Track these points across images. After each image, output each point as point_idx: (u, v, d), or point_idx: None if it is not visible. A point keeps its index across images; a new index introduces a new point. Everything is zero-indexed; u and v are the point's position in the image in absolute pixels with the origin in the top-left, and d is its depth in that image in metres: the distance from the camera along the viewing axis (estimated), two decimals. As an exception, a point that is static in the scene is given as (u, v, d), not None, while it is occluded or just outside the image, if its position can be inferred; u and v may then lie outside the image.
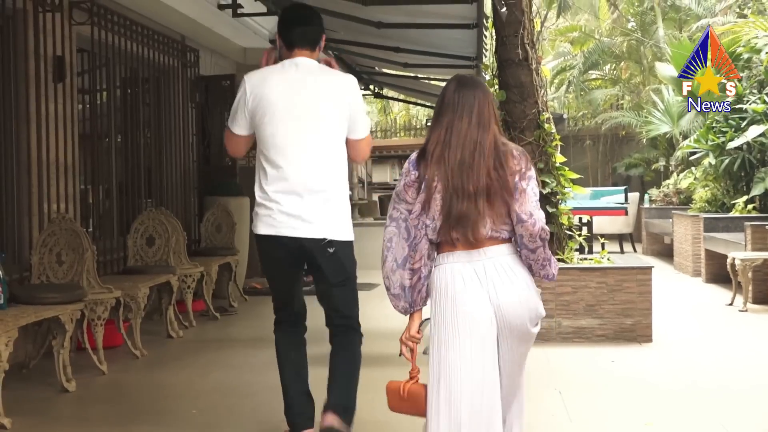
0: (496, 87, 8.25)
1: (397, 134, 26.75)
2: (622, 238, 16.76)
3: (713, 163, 13.25)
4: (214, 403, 6.03)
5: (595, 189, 16.53)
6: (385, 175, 22.35)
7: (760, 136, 12.39)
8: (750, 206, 12.55)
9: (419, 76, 14.60)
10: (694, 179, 15.16)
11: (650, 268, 7.86)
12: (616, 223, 16.39)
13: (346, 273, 4.77)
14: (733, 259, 9.87)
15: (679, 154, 17.00)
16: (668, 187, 16.66)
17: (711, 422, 5.44)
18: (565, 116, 22.14)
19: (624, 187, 17.22)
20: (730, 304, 10.01)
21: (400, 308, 3.79)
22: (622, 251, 15.90)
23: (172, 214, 9.11)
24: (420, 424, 3.73)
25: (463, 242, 3.65)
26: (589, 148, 22.44)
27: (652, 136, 18.77)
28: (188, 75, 10.96)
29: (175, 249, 8.63)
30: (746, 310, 9.65)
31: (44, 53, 7.47)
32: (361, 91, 17.47)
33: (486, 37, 9.57)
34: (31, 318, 5.87)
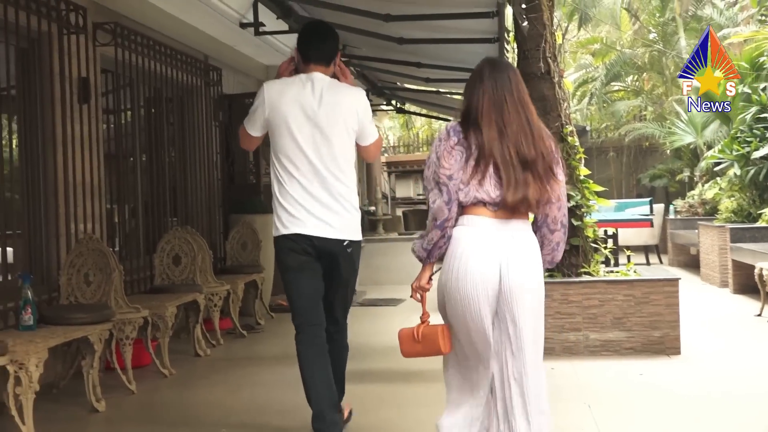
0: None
1: (420, 149, 26.82)
2: (647, 249, 16.68)
3: (738, 173, 13.18)
4: (244, 422, 6.03)
5: (620, 201, 16.48)
6: (409, 190, 22.38)
7: (785, 145, 12.35)
8: (777, 216, 12.48)
9: (441, 90, 14.60)
10: (720, 189, 15.07)
11: (677, 279, 7.81)
12: (642, 235, 16.32)
13: (355, 271, 5.27)
14: (761, 269, 9.80)
15: (703, 164, 16.94)
16: (693, 198, 16.57)
17: (742, 434, 5.42)
18: (588, 128, 22.14)
19: (649, 199, 17.15)
20: (759, 315, 9.92)
21: (422, 258, 4.04)
22: (648, 263, 15.81)
23: (197, 232, 9.14)
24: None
25: (513, 211, 3.84)
26: (613, 160, 22.41)
27: (676, 147, 18.74)
28: (211, 94, 11.02)
29: (201, 267, 8.66)
30: (775, 321, 9.59)
31: (69, 75, 7.53)
32: (384, 107, 17.71)
33: (508, 51, 9.56)
34: (61, 339, 5.90)
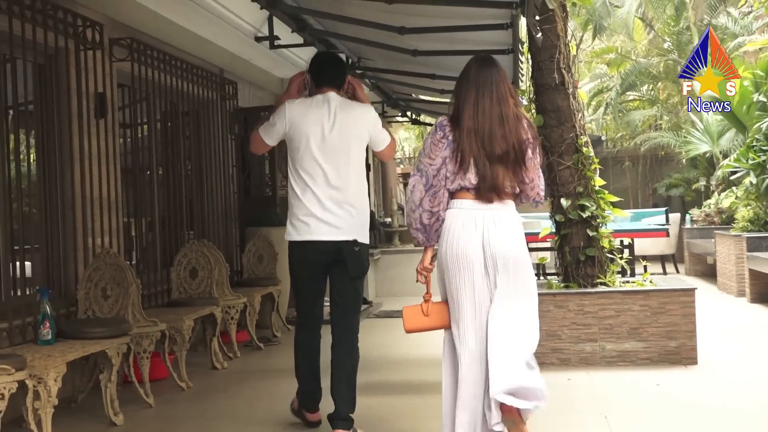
0: (533, 112, 8.26)
1: (435, 160, 26.76)
2: (664, 259, 16.65)
3: (754, 182, 13.13)
4: (261, 434, 6.05)
5: (636, 211, 16.46)
6: (425, 201, 22.31)
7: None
8: (794, 225, 12.45)
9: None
10: (736, 198, 15.02)
11: (693, 289, 7.79)
12: (658, 245, 16.29)
13: (363, 269, 5.84)
14: (778, 278, 9.78)
15: (719, 173, 16.89)
16: (709, 207, 16.53)
17: (760, 445, 5.41)
18: (604, 138, 22.11)
19: (665, 208, 17.12)
20: (776, 324, 9.91)
21: (420, 241, 4.78)
22: (665, 272, 15.78)
23: (214, 245, 9.18)
24: None
25: (491, 197, 4.59)
26: (629, 170, 22.38)
27: (692, 156, 18.69)
28: (227, 107, 11.07)
29: (218, 280, 8.70)
30: (793, 330, 9.55)
31: (86, 90, 7.59)
32: (399, 118, 17.76)
33: (522, 63, 9.57)
34: (79, 353, 5.93)
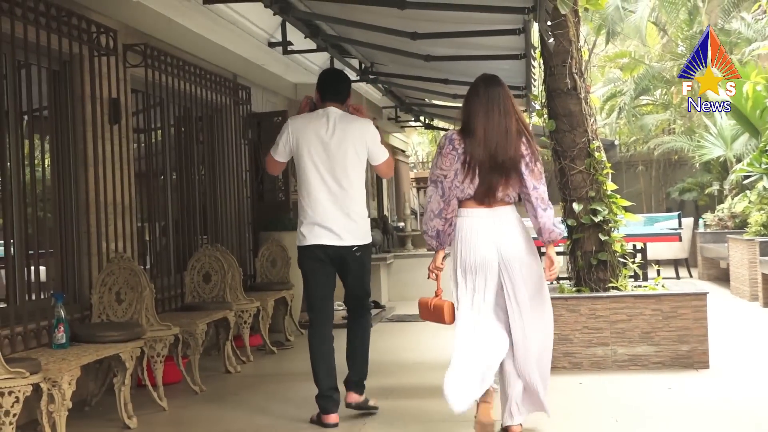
0: (546, 117, 8.28)
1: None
2: (677, 263, 16.62)
3: (767, 186, 13.13)
4: (274, 438, 6.10)
5: (649, 215, 16.44)
6: (437, 205, 22.34)
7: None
8: (807, 229, 12.42)
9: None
10: (749, 203, 15.00)
11: (705, 294, 7.79)
12: (672, 249, 16.26)
13: (367, 268, 6.46)
14: (791, 283, 9.77)
15: (733, 177, 16.86)
16: (723, 211, 16.49)
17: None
18: (617, 142, 22.06)
19: (677, 213, 17.10)
20: (789, 329, 9.90)
21: (433, 246, 5.49)
22: (678, 277, 15.77)
23: (227, 250, 9.22)
24: None
25: (485, 202, 5.33)
26: (642, 174, 22.35)
27: (705, 160, 18.67)
28: (240, 112, 11.11)
29: (231, 285, 8.73)
30: (805, 335, 9.53)
31: (100, 96, 7.65)
32: (412, 123, 17.84)
33: (534, 67, 9.60)
34: (93, 356, 5.98)
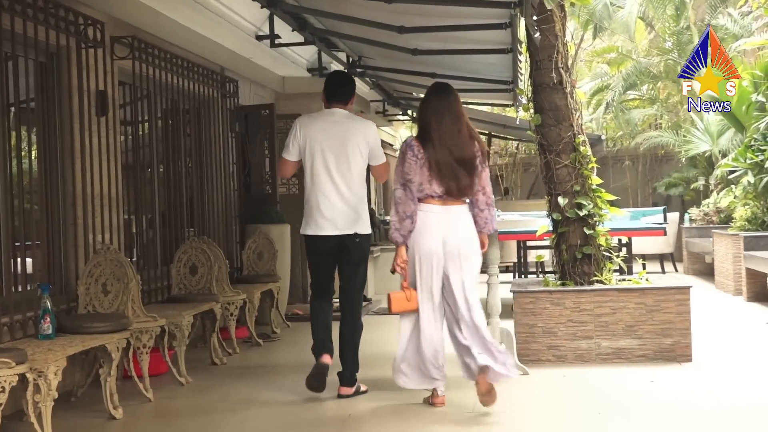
0: (532, 111, 8.31)
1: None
2: (663, 258, 16.70)
3: (752, 181, 13.17)
4: (260, 429, 6.13)
5: (634, 210, 16.50)
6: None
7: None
8: (791, 224, 12.49)
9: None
10: (734, 198, 15.08)
11: (688, 287, 7.85)
12: (657, 243, 16.31)
13: (365, 255, 6.94)
14: (774, 277, 9.82)
15: (718, 172, 16.93)
16: (708, 206, 16.58)
17: (751, 441, 5.46)
18: (604, 137, 22.09)
19: (663, 207, 17.16)
20: (772, 323, 9.95)
21: (400, 243, 6.08)
22: (663, 271, 15.84)
23: (214, 242, 9.24)
24: None
25: (448, 200, 6.02)
26: (629, 169, 22.42)
27: (691, 155, 18.74)
28: (228, 105, 11.12)
29: (217, 277, 8.75)
30: (788, 329, 9.59)
31: (87, 88, 7.65)
32: (400, 116, 17.88)
33: (521, 62, 9.62)
34: (79, 347, 5.99)
